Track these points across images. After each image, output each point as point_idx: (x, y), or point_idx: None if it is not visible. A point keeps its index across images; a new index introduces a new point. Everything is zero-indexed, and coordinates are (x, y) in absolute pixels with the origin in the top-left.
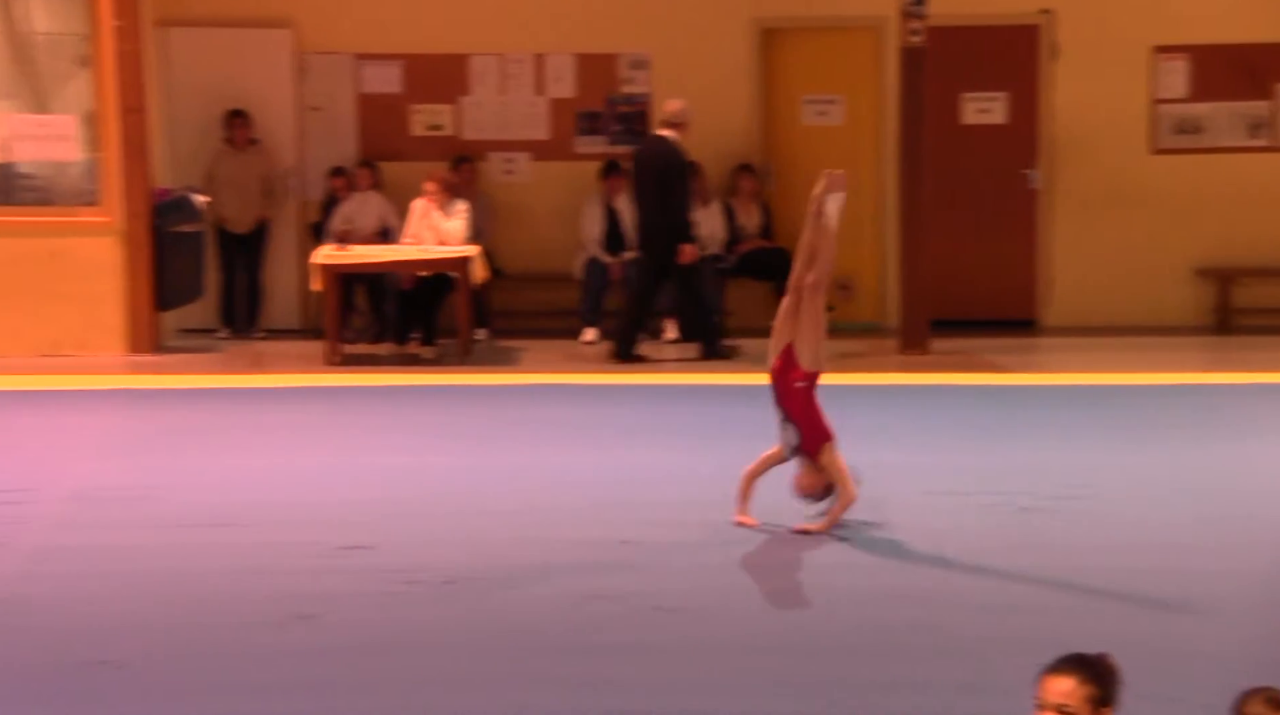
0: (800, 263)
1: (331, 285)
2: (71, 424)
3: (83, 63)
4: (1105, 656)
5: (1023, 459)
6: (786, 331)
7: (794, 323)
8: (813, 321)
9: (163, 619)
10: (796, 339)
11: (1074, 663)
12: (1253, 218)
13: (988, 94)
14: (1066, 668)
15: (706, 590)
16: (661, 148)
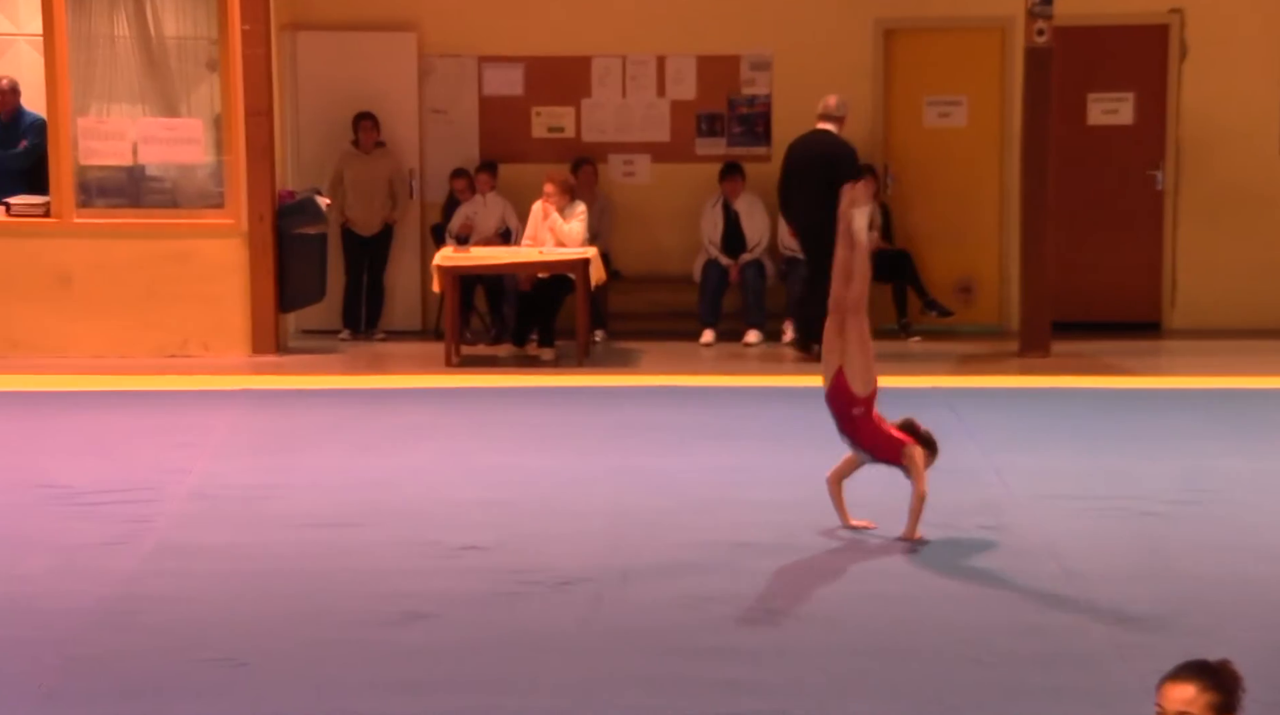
0: (838, 281)
1: (451, 287)
2: (195, 424)
3: (211, 66)
4: (1227, 663)
5: (1143, 463)
6: (835, 354)
7: (841, 343)
8: (859, 342)
9: (281, 617)
10: (845, 362)
11: (1195, 670)
12: None
13: (1114, 94)
14: (1187, 675)
15: (818, 593)
16: (829, 140)
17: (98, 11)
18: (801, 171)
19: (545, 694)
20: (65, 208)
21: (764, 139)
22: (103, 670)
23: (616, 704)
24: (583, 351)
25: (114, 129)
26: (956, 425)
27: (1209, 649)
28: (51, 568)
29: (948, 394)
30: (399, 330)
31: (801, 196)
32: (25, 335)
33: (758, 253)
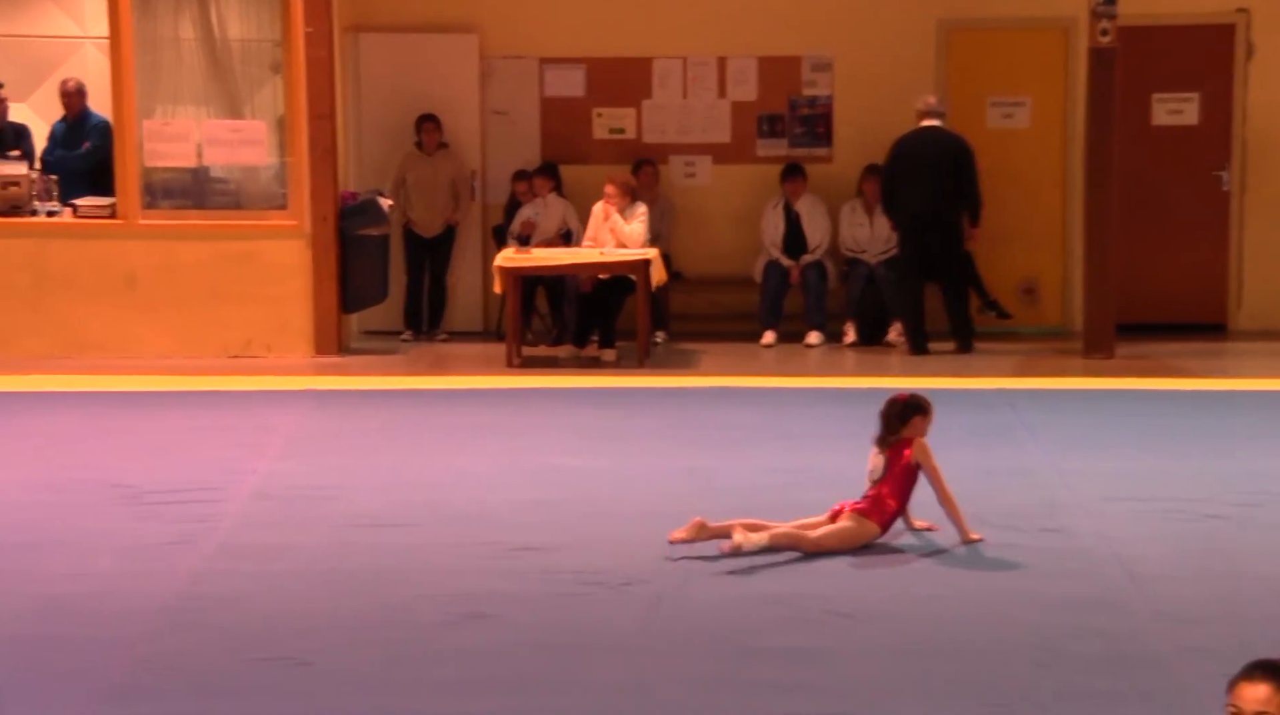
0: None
1: (512, 288)
2: (258, 424)
3: (274, 68)
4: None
5: (1207, 465)
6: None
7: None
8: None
9: (342, 617)
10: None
11: (1268, 669)
12: None
13: (1179, 95)
14: (1261, 674)
15: (880, 595)
16: (944, 136)
17: (163, 14)
18: (917, 167)
19: (604, 694)
20: (131, 209)
21: (825, 140)
22: (167, 669)
23: (675, 705)
24: (643, 352)
25: (179, 131)
26: (1019, 427)
27: (1273, 651)
28: (117, 567)
29: (1010, 395)
30: (460, 331)
31: (917, 191)
32: (91, 336)
33: (819, 254)
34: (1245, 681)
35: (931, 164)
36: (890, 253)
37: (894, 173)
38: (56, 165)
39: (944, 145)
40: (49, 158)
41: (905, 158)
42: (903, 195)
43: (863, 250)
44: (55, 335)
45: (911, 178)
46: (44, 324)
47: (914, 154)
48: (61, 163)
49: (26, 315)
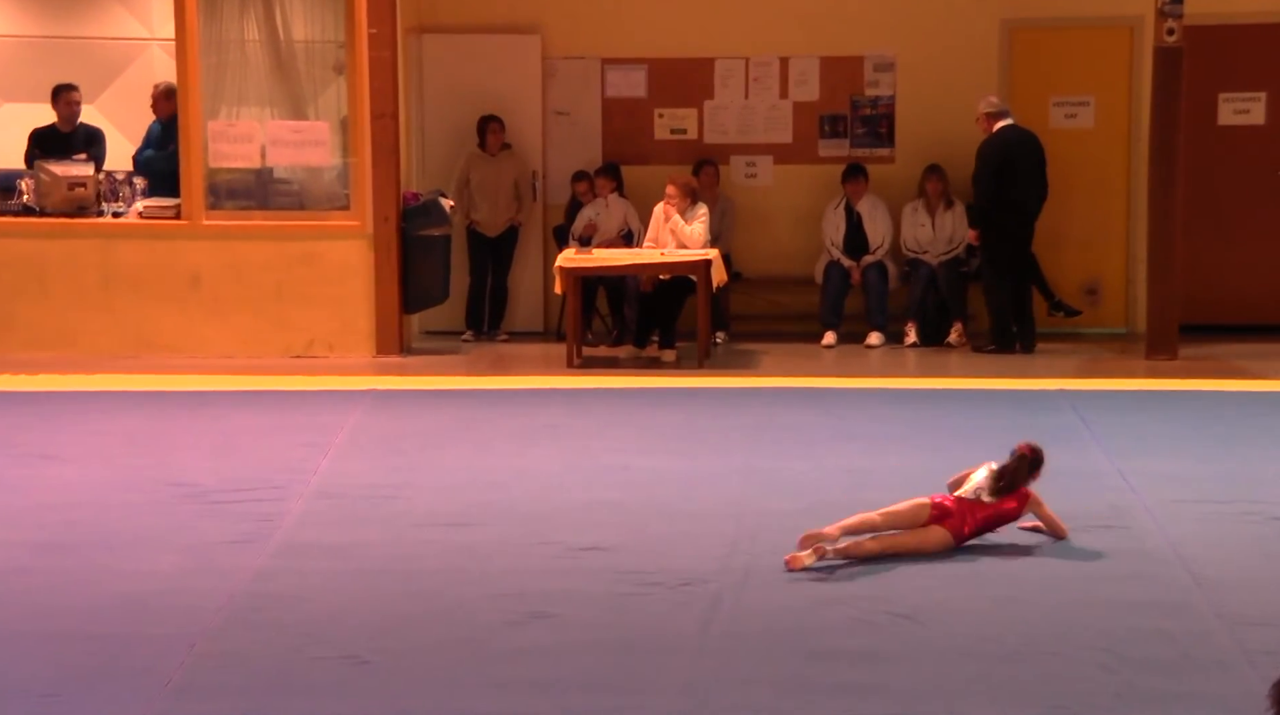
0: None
1: (573, 288)
2: (320, 423)
3: (339, 69)
4: None
5: (1272, 468)
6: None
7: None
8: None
9: (403, 616)
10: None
11: None
12: None
13: (1246, 94)
14: None
15: (941, 596)
16: (1031, 134)
17: (228, 16)
18: (1028, 165)
19: (665, 694)
20: (195, 210)
21: (887, 140)
22: (229, 666)
23: (736, 705)
24: (704, 353)
25: (243, 132)
26: (1082, 428)
27: None
28: (181, 565)
29: (1073, 397)
30: (521, 331)
31: (1030, 188)
32: (156, 335)
33: (880, 254)
34: None
35: (1036, 162)
36: (953, 253)
37: (1005, 169)
38: (145, 166)
39: (1035, 143)
40: (139, 158)
41: (1016, 156)
42: (1017, 192)
43: (924, 251)
44: (121, 335)
45: (1023, 175)
46: (110, 324)
47: (1023, 152)
48: (149, 163)
49: (94, 315)
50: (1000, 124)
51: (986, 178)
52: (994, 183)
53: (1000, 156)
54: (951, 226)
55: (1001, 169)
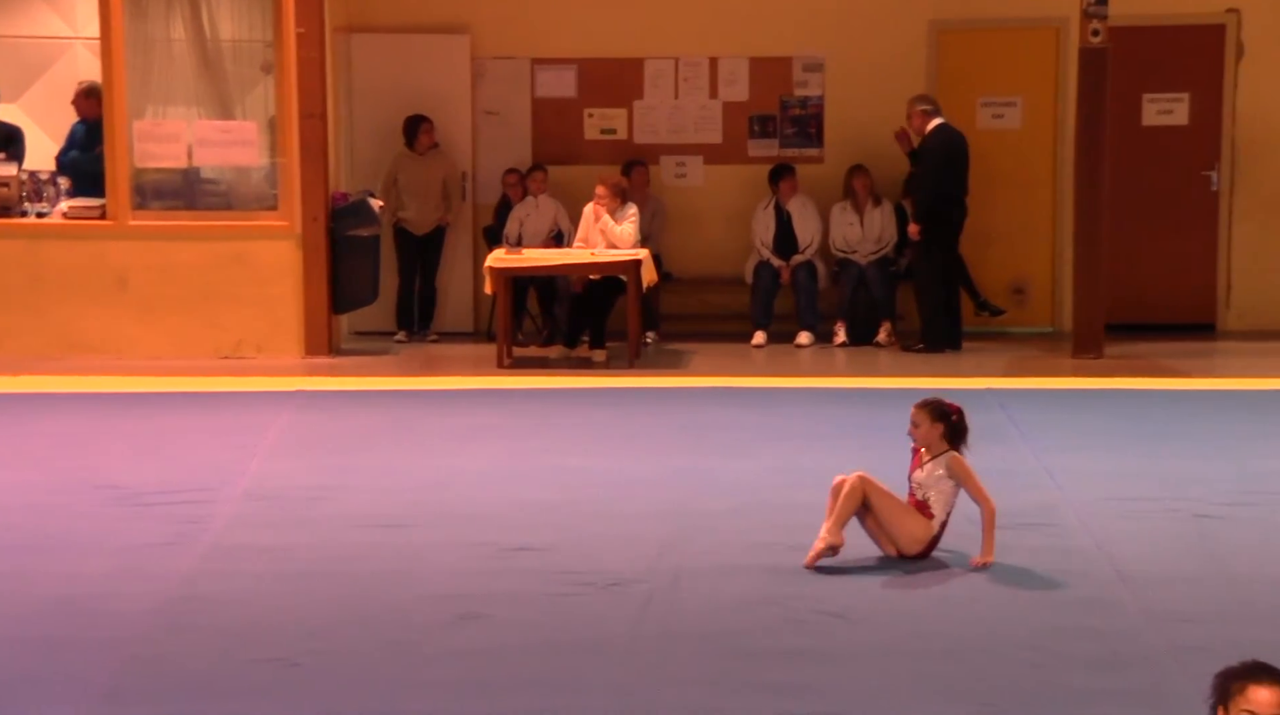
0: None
1: (503, 288)
2: (249, 425)
3: (266, 69)
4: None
5: (1198, 465)
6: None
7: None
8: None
9: (335, 618)
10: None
11: (1271, 672)
12: None
13: (1170, 95)
14: (1268, 677)
15: (873, 596)
16: (961, 133)
17: (154, 15)
18: (964, 163)
19: (596, 695)
20: (121, 210)
21: (816, 140)
22: (160, 670)
23: (668, 705)
24: (634, 353)
25: (169, 132)
26: (1009, 427)
27: (1265, 652)
28: (109, 568)
29: (1000, 395)
30: (451, 332)
31: (962, 186)
32: (83, 336)
33: (809, 254)
34: (1254, 685)
35: (966, 159)
36: (882, 252)
37: (947, 168)
38: (70, 167)
39: (964, 142)
40: (63, 159)
41: (955, 154)
42: (958, 190)
43: (853, 250)
44: (47, 336)
45: (960, 173)
46: (36, 325)
47: (960, 149)
48: (74, 164)
49: (19, 316)
50: (934, 122)
51: (929, 176)
52: (937, 180)
53: (943, 154)
54: (880, 226)
55: (944, 166)
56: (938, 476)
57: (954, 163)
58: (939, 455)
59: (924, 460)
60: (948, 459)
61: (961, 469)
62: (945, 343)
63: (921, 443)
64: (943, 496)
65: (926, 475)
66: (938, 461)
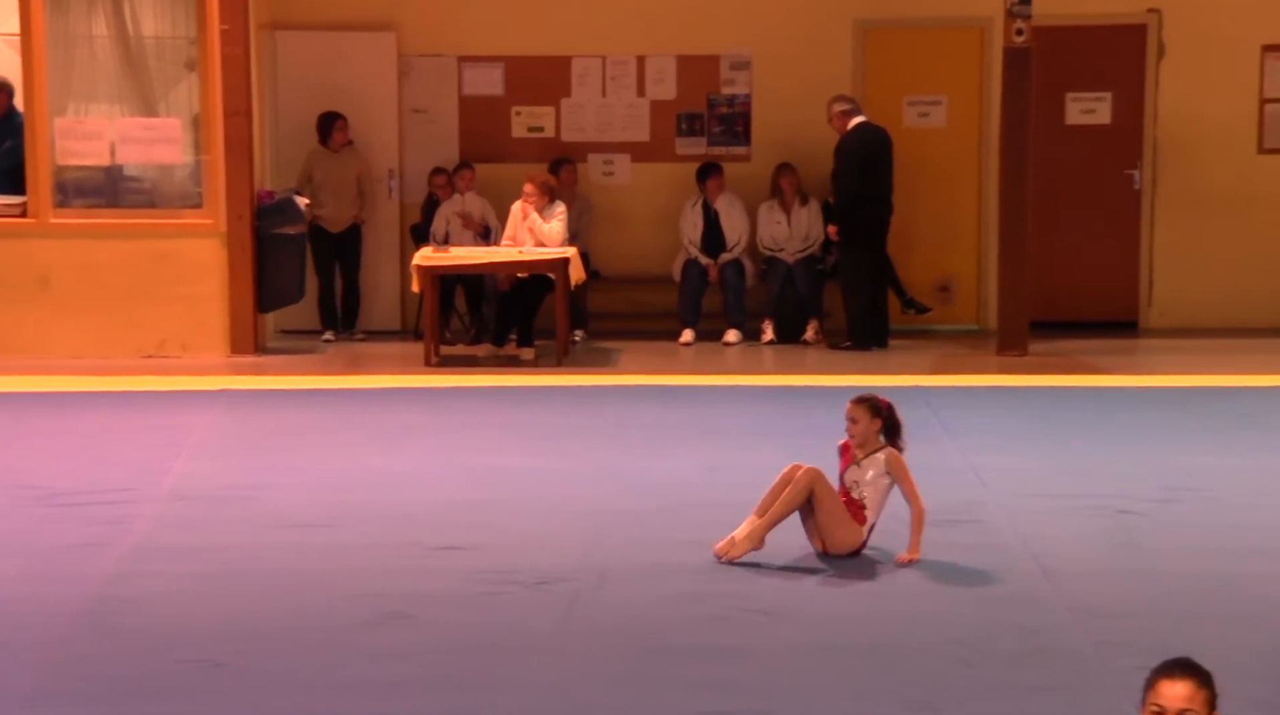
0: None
1: (430, 287)
2: (173, 424)
3: (190, 66)
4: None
5: (1121, 462)
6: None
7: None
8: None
9: (260, 618)
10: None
11: (1186, 667)
12: None
13: (1092, 94)
14: (1180, 672)
15: (800, 593)
16: (885, 131)
17: (75, 11)
18: (887, 162)
19: (523, 694)
20: (42, 208)
21: (743, 139)
22: (81, 672)
23: (594, 704)
24: (562, 351)
25: (92, 129)
26: (935, 424)
27: (1186, 647)
28: (30, 570)
29: (926, 393)
30: (379, 330)
31: (887, 185)
32: (4, 335)
33: (737, 252)
34: (1165, 680)
35: (889, 158)
36: (809, 250)
37: (866, 165)
38: None
39: (889, 140)
40: None
41: (876, 152)
42: (877, 188)
43: (780, 248)
44: None
45: (882, 171)
46: None
47: (880, 148)
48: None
49: None
50: (855, 121)
51: (849, 174)
52: (856, 179)
53: (862, 153)
54: (807, 224)
55: (864, 165)
56: (874, 475)
57: (873, 161)
58: (874, 452)
59: (858, 458)
60: (886, 456)
61: (900, 466)
62: (872, 340)
63: (859, 439)
64: (877, 495)
65: (862, 473)
66: (873, 459)
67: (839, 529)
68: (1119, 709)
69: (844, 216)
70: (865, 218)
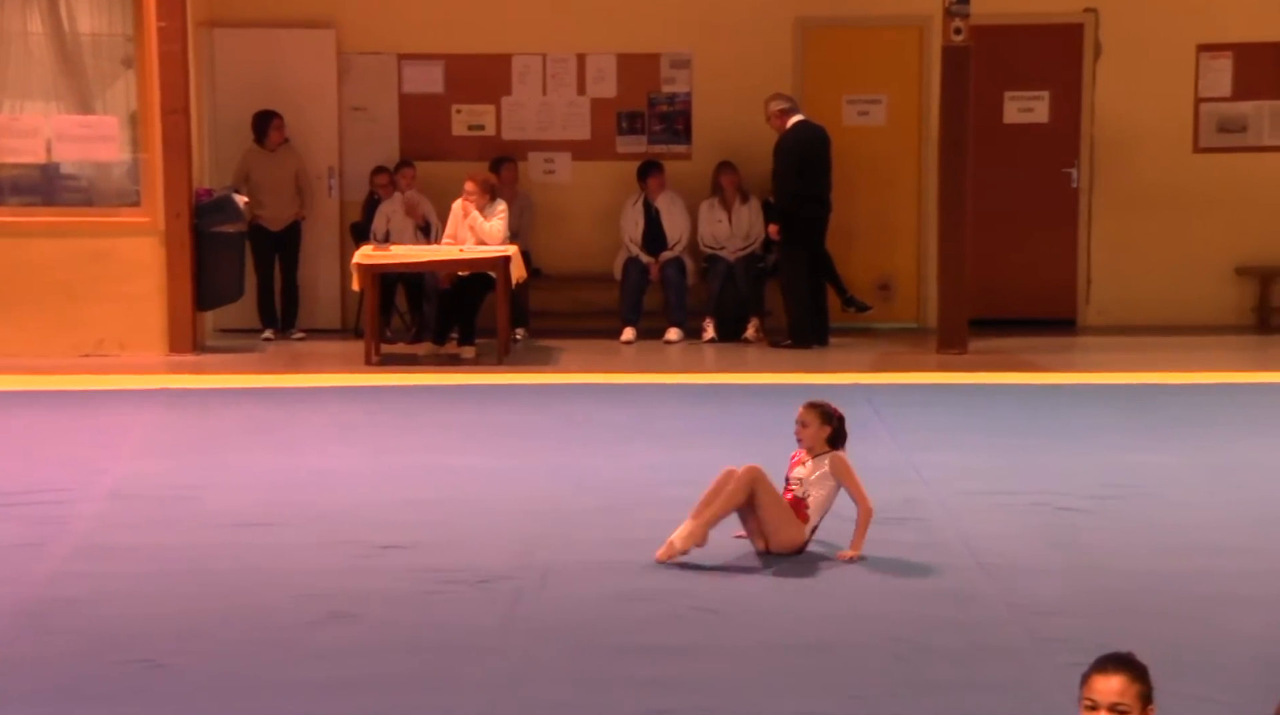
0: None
1: (371, 285)
2: (112, 424)
3: (127, 63)
4: (1133, 655)
5: (1061, 459)
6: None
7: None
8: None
9: (202, 618)
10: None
11: (1120, 662)
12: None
13: (1030, 93)
14: (1114, 667)
15: (743, 591)
16: (823, 130)
17: (10, 7)
18: (825, 160)
19: (467, 692)
20: None
21: (684, 137)
22: (20, 673)
23: (539, 702)
24: (503, 349)
25: (27, 126)
26: (876, 422)
27: (1124, 643)
28: None
29: (867, 391)
30: (320, 329)
31: (825, 183)
32: None
33: (678, 250)
34: (1098, 674)
35: (827, 157)
36: (750, 248)
37: (805, 164)
38: None
39: (828, 138)
40: None
41: (814, 151)
42: (816, 187)
43: (721, 247)
44: None
45: (821, 170)
46: None
47: (819, 147)
48: None
49: None
50: (793, 119)
51: (788, 173)
52: (795, 178)
53: (800, 151)
54: (748, 222)
55: (802, 164)
56: (819, 476)
57: (812, 160)
58: (820, 455)
59: (804, 460)
60: (831, 459)
61: (845, 468)
62: (812, 339)
63: (807, 443)
64: (821, 496)
65: (808, 473)
66: (819, 461)
67: (782, 527)
68: (1057, 705)
69: (783, 215)
70: (805, 216)
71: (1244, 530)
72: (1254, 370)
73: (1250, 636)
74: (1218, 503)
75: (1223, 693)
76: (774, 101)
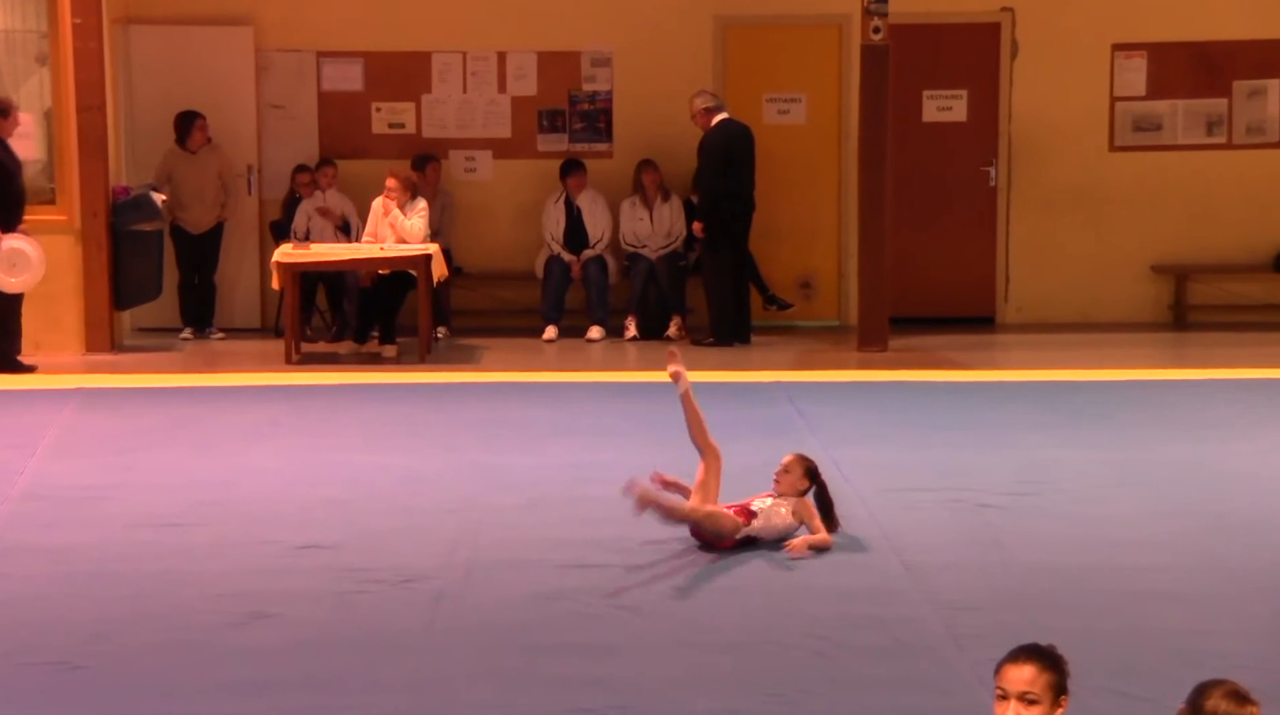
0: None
1: (291, 284)
2: (27, 423)
3: (41, 60)
4: (1053, 647)
5: (979, 456)
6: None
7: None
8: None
9: (119, 619)
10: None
11: (1031, 652)
12: (1209, 215)
13: (949, 92)
14: (1025, 656)
15: (665, 589)
16: (747, 128)
17: None
18: (747, 157)
19: (388, 692)
20: None
21: (605, 135)
22: None
23: (460, 701)
24: (425, 348)
25: None
26: (797, 419)
27: (1043, 637)
28: None
29: (788, 388)
30: (240, 328)
31: (749, 181)
32: None
33: (600, 249)
34: (1010, 664)
35: (751, 155)
36: (672, 246)
37: (728, 163)
38: None
39: (751, 137)
40: None
41: (738, 149)
42: (740, 185)
43: (643, 245)
44: None
45: (744, 168)
46: None
47: (743, 144)
48: None
49: None
50: (718, 118)
51: (712, 171)
52: (719, 176)
53: (725, 149)
54: (669, 220)
55: (726, 162)
56: (780, 510)
57: (736, 158)
58: (788, 496)
59: (771, 495)
60: (797, 500)
61: (810, 511)
62: (734, 336)
63: (783, 488)
64: (771, 520)
65: (769, 506)
66: (786, 500)
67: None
68: (977, 701)
69: (707, 213)
70: (728, 214)
71: (1157, 526)
72: (1169, 367)
73: (1164, 630)
74: (1132, 498)
75: (1137, 686)
76: (699, 99)
